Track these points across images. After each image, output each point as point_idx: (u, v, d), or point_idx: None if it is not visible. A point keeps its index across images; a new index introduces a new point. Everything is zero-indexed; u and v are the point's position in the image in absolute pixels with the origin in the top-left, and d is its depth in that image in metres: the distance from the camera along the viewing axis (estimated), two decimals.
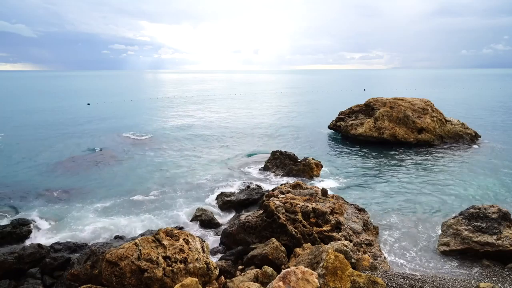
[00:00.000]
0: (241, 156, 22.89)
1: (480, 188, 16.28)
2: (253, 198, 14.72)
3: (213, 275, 7.96)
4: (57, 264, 9.98)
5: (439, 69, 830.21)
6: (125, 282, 7.18)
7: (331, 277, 6.68)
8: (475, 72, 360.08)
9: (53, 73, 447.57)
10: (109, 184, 17.80)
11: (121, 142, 27.13)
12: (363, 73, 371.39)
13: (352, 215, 12.10)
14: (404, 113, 25.50)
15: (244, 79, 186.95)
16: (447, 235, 10.90)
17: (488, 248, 9.96)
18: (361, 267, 8.77)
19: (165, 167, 20.59)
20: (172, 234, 8.33)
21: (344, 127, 29.06)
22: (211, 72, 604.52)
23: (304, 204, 11.40)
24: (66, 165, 21.28)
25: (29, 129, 33.70)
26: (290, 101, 62.67)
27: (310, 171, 17.87)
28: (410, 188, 16.44)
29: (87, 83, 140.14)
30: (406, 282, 7.70)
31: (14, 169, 20.24)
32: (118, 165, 21.26)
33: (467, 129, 26.35)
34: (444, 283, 7.92)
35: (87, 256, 9.43)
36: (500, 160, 20.80)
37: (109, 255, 7.45)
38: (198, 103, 57.90)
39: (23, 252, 10.20)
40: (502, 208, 11.00)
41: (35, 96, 75.12)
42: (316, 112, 45.65)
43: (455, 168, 19.34)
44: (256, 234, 10.86)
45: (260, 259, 9.18)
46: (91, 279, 8.46)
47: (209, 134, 30.51)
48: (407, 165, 20.10)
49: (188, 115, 42.98)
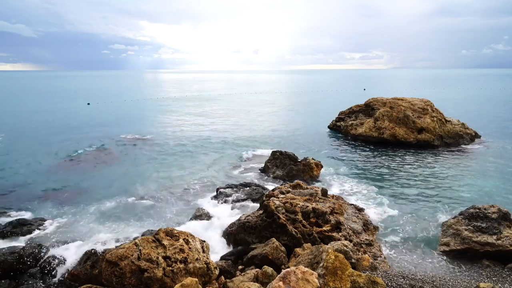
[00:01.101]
0: (241, 156, 22.89)
1: (480, 188, 16.27)
2: (253, 198, 14.71)
3: (213, 275, 7.96)
4: (57, 264, 9.98)
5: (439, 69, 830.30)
6: (125, 282, 7.18)
7: (331, 277, 6.68)
8: (475, 72, 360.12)
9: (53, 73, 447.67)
10: (109, 184, 17.80)
11: (121, 142, 27.13)
12: (363, 73, 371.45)
13: (352, 215, 12.11)
14: (404, 113, 25.50)
15: (244, 79, 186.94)
16: (447, 235, 10.90)
17: (488, 248, 9.96)
18: (361, 267, 8.77)
19: (165, 167, 20.60)
20: (172, 234, 8.33)
21: (344, 127, 29.08)
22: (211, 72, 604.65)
23: (304, 204, 11.40)
24: (66, 165, 21.28)
25: (28, 129, 33.70)
26: (290, 101, 62.67)
27: (310, 171, 17.87)
28: (410, 188, 16.44)
29: (87, 83, 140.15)
30: (406, 282, 7.70)
31: (13, 169, 20.23)
32: (118, 165, 21.26)
33: (467, 129, 26.35)
34: (444, 283, 7.92)
35: (87, 256, 9.43)
36: (500, 160, 20.80)
37: (109, 255, 7.46)
38: (198, 103, 57.89)
39: (23, 252, 10.19)
40: (502, 208, 11.00)
41: (35, 96, 75.11)
42: (316, 112, 45.65)
43: (455, 168, 19.34)
44: (256, 234, 10.86)
45: (260, 259, 9.18)
46: (91, 279, 8.47)
47: (209, 134, 30.50)
48: (407, 165, 20.10)
49: (188, 115, 42.98)
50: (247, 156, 22.89)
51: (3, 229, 12.08)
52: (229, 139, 28.47)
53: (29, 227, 12.41)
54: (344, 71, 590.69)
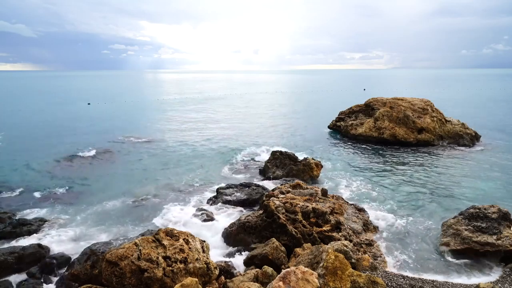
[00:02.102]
0: (241, 156, 22.88)
1: (480, 188, 16.27)
2: (253, 198, 14.71)
3: (213, 275, 7.96)
4: (57, 264, 9.98)
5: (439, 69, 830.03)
6: (125, 282, 7.18)
7: (331, 277, 6.68)
8: (475, 72, 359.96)
9: (53, 73, 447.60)
10: (109, 184, 17.80)
11: (121, 143, 27.13)
12: (363, 73, 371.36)
13: (352, 215, 12.11)
14: (404, 113, 25.50)
15: (244, 79, 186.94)
16: (447, 235, 10.90)
17: (488, 248, 9.96)
18: (361, 267, 8.78)
19: (165, 167, 20.60)
20: (172, 234, 8.33)
21: (344, 127, 29.07)
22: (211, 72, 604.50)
23: (304, 204, 11.40)
24: (66, 165, 21.27)
25: (28, 129, 33.69)
26: (290, 101, 62.67)
27: (310, 171, 17.87)
28: (410, 188, 16.44)
29: (87, 83, 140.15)
30: (406, 282, 7.70)
31: (13, 169, 20.23)
32: (118, 165, 21.26)
33: (467, 129, 26.34)
34: (444, 283, 7.92)
35: (87, 256, 9.43)
36: (500, 160, 20.80)
37: (109, 255, 7.46)
38: (198, 103, 57.89)
39: (23, 252, 10.20)
40: (502, 208, 11.00)
41: (35, 96, 75.10)
42: (316, 112, 45.65)
43: (455, 168, 19.34)
44: (256, 234, 10.86)
45: (260, 259, 9.18)
46: (91, 279, 8.48)
47: (208, 134, 30.50)
48: (407, 165, 20.10)
49: (187, 115, 42.98)
50: (247, 156, 22.89)
51: (3, 229, 12.08)
52: (229, 139, 28.47)
53: (29, 227, 12.41)
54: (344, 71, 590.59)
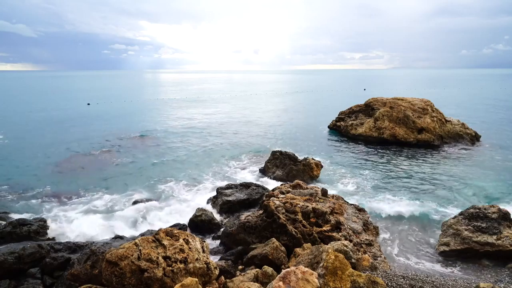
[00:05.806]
0: (241, 156, 22.89)
1: (480, 188, 16.27)
2: (253, 198, 14.70)
3: (213, 275, 7.96)
4: (57, 264, 9.97)
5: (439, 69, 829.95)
6: (125, 282, 7.18)
7: (331, 277, 6.68)
8: (475, 72, 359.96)
9: (53, 73, 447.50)
10: (109, 184, 17.81)
11: (121, 143, 27.13)
12: (363, 73, 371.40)
13: (352, 215, 12.10)
14: (404, 113, 25.50)
15: (244, 79, 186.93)
16: (447, 235, 10.90)
17: (488, 248, 9.96)
18: (361, 267, 8.77)
19: (164, 168, 20.61)
20: (172, 234, 8.33)
21: (344, 127, 29.07)
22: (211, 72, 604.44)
23: (304, 204, 11.40)
24: (66, 165, 21.28)
25: (28, 129, 33.69)
26: (290, 101, 62.67)
27: (310, 171, 17.87)
28: (410, 188, 16.44)
29: (87, 83, 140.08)
30: (406, 282, 7.70)
31: (13, 169, 20.24)
32: (117, 165, 21.27)
33: (467, 129, 26.34)
34: (444, 283, 7.91)
35: (87, 256, 9.42)
36: (500, 160, 20.81)
37: (109, 255, 7.45)
38: (198, 103, 57.90)
39: (23, 252, 10.18)
40: (502, 208, 11.00)
41: (35, 96, 75.07)
42: (316, 112, 45.64)
43: (455, 168, 19.34)
44: (256, 234, 10.86)
45: (260, 259, 9.18)
46: (91, 279, 8.47)
47: (208, 134, 30.52)
48: (407, 165, 20.10)
49: (187, 115, 42.98)
50: (247, 156, 22.89)
51: (3, 229, 12.07)
52: (229, 139, 28.48)
53: (29, 227, 12.39)
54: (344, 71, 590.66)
